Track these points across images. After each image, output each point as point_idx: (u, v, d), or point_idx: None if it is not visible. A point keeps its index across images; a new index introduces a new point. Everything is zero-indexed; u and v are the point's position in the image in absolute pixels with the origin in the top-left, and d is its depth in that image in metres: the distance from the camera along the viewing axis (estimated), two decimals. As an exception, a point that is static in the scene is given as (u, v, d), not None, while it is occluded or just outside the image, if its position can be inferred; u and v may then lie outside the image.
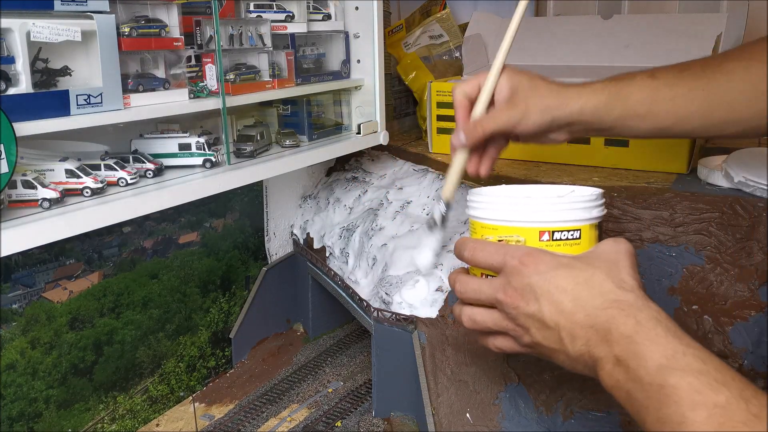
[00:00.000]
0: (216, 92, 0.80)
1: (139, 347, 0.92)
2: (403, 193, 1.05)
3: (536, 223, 0.57)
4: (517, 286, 0.53)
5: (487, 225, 0.60)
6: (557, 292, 0.51)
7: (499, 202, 0.59)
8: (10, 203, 0.64)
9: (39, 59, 0.64)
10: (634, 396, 0.45)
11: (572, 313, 0.50)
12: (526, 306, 0.52)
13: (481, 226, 0.60)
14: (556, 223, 0.56)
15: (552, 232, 0.56)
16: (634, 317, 0.47)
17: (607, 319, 0.48)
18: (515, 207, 0.58)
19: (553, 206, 0.57)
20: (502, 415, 0.78)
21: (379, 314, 0.88)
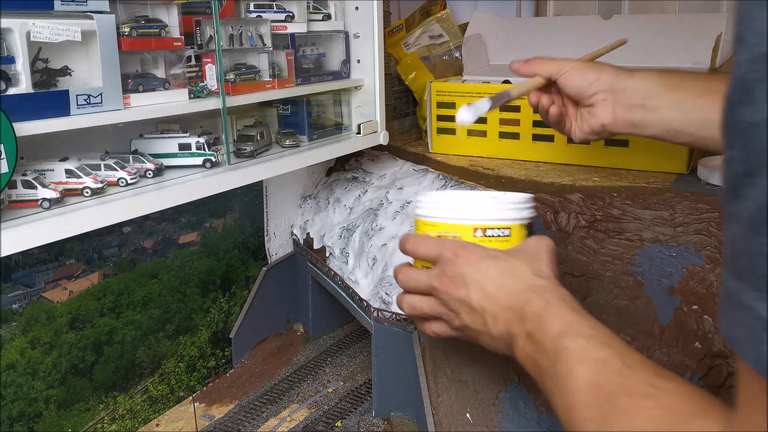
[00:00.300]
0: (216, 92, 0.80)
1: (139, 347, 0.92)
2: (403, 193, 1.05)
3: (471, 221, 0.63)
4: (451, 274, 0.59)
5: (428, 222, 0.66)
6: (484, 279, 0.57)
7: (440, 202, 0.66)
8: (10, 203, 0.64)
9: (39, 59, 0.64)
10: (538, 363, 0.52)
11: (495, 297, 0.56)
12: (457, 292, 0.59)
13: (423, 224, 0.67)
14: (489, 221, 0.63)
15: (485, 229, 0.63)
16: (545, 298, 0.54)
17: (523, 300, 0.55)
18: (453, 206, 0.65)
19: (486, 206, 0.64)
20: (502, 415, 0.78)
21: (379, 314, 0.88)
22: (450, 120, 1.16)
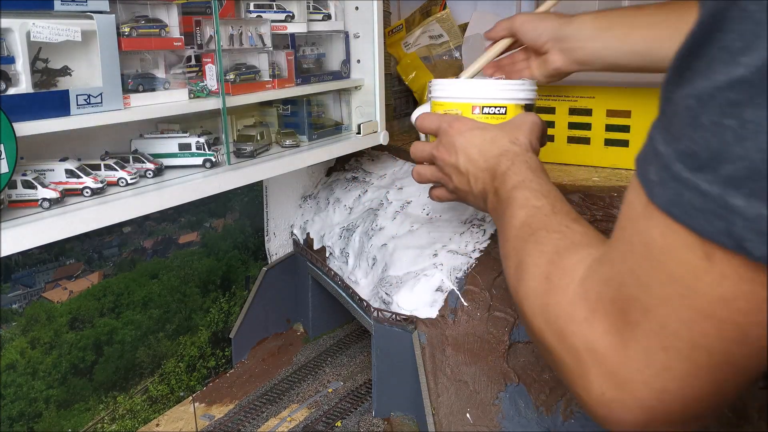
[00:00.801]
0: (216, 92, 0.80)
1: (139, 347, 0.92)
2: (403, 193, 1.05)
3: (470, 99, 0.73)
4: (445, 143, 0.69)
5: (438, 102, 0.77)
6: (470, 146, 0.67)
7: (446, 85, 0.76)
8: (10, 203, 0.64)
9: (39, 59, 0.64)
10: (498, 212, 0.60)
11: (476, 161, 0.66)
12: (449, 158, 0.68)
13: (434, 104, 0.77)
14: (486, 99, 0.73)
15: (482, 106, 0.73)
16: (511, 160, 0.62)
17: (495, 162, 0.63)
18: (455, 87, 0.75)
19: (484, 86, 0.74)
20: (502, 415, 0.78)
21: (379, 314, 0.88)
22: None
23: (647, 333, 0.36)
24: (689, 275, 0.33)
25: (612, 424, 0.39)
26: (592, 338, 0.39)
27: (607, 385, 0.38)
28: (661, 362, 0.35)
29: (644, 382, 0.36)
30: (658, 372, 0.36)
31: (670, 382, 0.35)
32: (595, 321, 0.39)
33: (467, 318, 0.83)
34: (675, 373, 0.35)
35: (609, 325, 0.38)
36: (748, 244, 0.30)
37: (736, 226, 0.30)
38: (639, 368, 0.36)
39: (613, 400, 0.38)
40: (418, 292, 0.86)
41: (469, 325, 0.82)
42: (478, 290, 0.84)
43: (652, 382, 0.36)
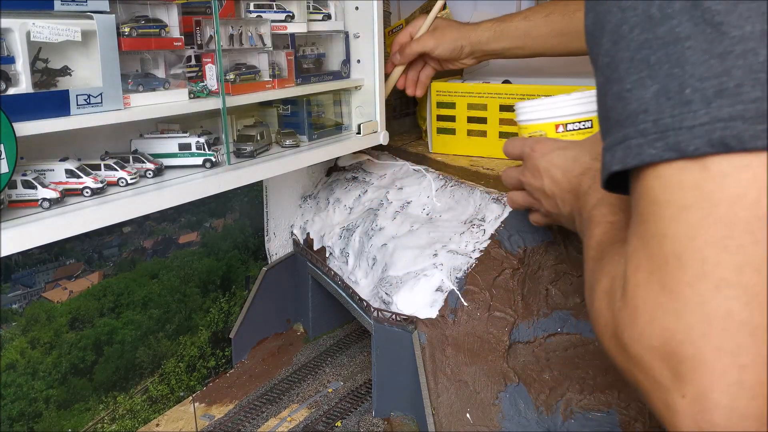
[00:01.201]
0: (216, 92, 0.80)
1: (139, 347, 0.92)
2: (403, 193, 1.05)
3: (552, 119, 0.74)
4: (530, 168, 0.68)
5: (522, 126, 0.78)
6: (552, 168, 0.65)
7: (528, 107, 0.77)
8: (10, 203, 0.64)
9: (39, 59, 0.64)
10: (583, 235, 0.57)
11: (561, 182, 0.64)
12: (535, 182, 0.68)
13: (519, 128, 0.79)
14: (568, 116, 0.73)
15: (566, 124, 0.73)
16: (593, 178, 0.59)
17: (578, 182, 0.62)
18: (536, 109, 0.76)
19: (564, 104, 0.73)
20: (502, 415, 0.78)
21: (379, 314, 0.88)
22: (450, 120, 1.16)
23: (692, 281, 0.33)
24: (697, 193, 0.34)
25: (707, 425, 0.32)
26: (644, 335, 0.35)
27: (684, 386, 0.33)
28: (720, 306, 0.32)
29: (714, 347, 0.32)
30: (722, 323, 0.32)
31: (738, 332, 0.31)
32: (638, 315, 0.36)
33: (467, 318, 0.83)
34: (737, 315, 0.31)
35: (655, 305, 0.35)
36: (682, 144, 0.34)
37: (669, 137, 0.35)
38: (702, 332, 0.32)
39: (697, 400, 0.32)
40: (418, 292, 0.86)
41: (469, 325, 0.82)
42: (478, 290, 0.84)
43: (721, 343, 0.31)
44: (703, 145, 0.34)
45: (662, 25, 0.36)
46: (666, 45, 0.36)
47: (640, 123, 0.37)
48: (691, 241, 0.34)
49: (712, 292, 0.32)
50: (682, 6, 0.35)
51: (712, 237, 0.33)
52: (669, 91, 0.35)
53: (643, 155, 0.36)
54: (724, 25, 0.34)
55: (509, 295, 0.84)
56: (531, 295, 0.85)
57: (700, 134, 0.34)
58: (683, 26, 0.35)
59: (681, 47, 0.35)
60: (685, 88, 0.35)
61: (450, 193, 0.99)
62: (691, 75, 0.34)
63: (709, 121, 0.34)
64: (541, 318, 0.84)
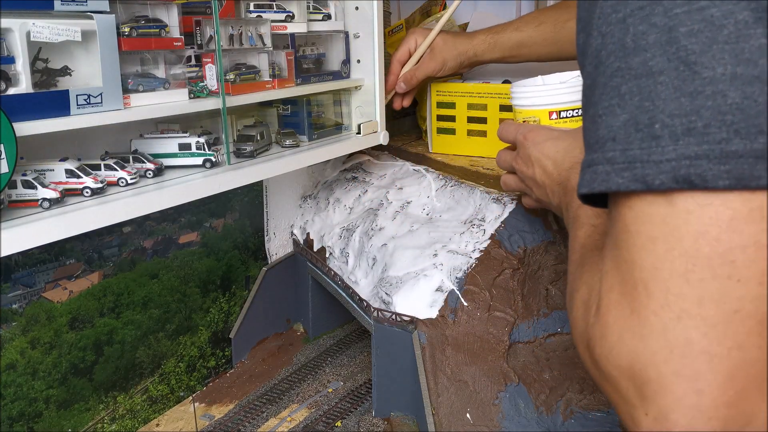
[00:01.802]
0: (216, 92, 0.80)
1: (139, 347, 0.92)
2: (403, 193, 1.05)
3: (546, 106, 0.73)
4: (522, 155, 0.69)
5: (517, 110, 0.77)
6: (544, 158, 0.66)
7: (523, 92, 0.76)
8: (10, 203, 0.64)
9: (39, 59, 0.64)
10: (568, 229, 0.58)
11: (551, 173, 0.64)
12: (527, 170, 0.68)
13: (514, 111, 0.79)
14: (562, 104, 0.73)
15: (559, 111, 0.73)
16: None
17: (567, 176, 0.62)
18: (531, 94, 0.75)
19: (558, 91, 0.73)
20: (502, 415, 0.78)
21: (379, 314, 0.88)
22: (450, 120, 1.16)
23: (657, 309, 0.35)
24: (663, 227, 0.35)
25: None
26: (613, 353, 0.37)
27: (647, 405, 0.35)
28: (681, 335, 0.34)
29: (675, 372, 0.34)
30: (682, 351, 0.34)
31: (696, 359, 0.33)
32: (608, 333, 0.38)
33: (467, 318, 0.83)
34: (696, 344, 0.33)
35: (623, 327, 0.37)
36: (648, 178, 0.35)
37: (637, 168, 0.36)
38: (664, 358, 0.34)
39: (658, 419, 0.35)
40: (418, 292, 0.86)
41: (469, 325, 0.82)
42: (478, 290, 0.84)
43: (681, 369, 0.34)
44: (669, 181, 0.34)
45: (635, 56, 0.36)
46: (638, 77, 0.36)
47: (608, 150, 0.37)
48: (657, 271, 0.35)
49: (674, 321, 0.34)
50: (656, 40, 0.36)
51: (676, 270, 0.34)
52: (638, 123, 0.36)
53: (610, 183, 0.37)
54: (697, 65, 0.34)
55: (509, 295, 0.84)
56: (531, 295, 0.85)
57: (666, 169, 0.34)
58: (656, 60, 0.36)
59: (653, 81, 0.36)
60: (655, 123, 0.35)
61: (450, 193, 0.99)
62: (662, 110, 0.35)
63: (675, 157, 0.34)
64: (541, 318, 0.84)
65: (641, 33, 0.36)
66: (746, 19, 0.33)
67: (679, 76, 0.35)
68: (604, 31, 0.39)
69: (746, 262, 0.33)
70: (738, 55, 0.33)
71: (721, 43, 0.34)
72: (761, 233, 0.33)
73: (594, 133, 0.39)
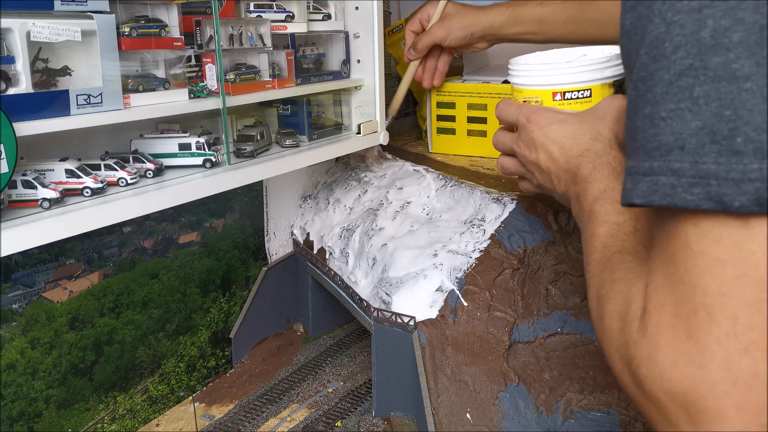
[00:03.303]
0: (216, 92, 0.80)
1: (139, 347, 0.92)
2: (403, 193, 1.05)
3: (550, 86, 0.68)
4: (525, 138, 0.65)
5: (517, 89, 0.72)
6: (549, 143, 0.62)
7: (524, 69, 0.71)
8: (10, 203, 0.64)
9: (39, 59, 0.64)
10: (581, 224, 0.56)
11: (557, 159, 0.61)
12: (529, 155, 0.64)
13: (513, 90, 0.73)
14: (567, 84, 0.67)
15: (563, 92, 0.68)
16: (593, 163, 0.56)
17: (576, 164, 0.58)
18: (533, 73, 0.70)
19: (563, 70, 0.68)
20: (502, 415, 0.78)
21: (379, 314, 0.88)
22: (450, 120, 1.16)
23: (721, 338, 0.32)
24: (735, 250, 0.32)
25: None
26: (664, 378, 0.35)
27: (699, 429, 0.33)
28: (747, 368, 0.31)
29: (737, 405, 0.32)
30: (747, 384, 0.31)
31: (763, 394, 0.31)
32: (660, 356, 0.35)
33: (467, 318, 0.83)
34: (763, 377, 0.31)
35: (679, 351, 0.34)
36: (726, 198, 0.32)
37: (711, 186, 0.32)
38: (726, 389, 0.32)
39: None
40: (418, 293, 0.86)
41: (469, 325, 0.82)
42: (478, 290, 0.84)
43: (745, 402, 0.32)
44: (751, 204, 0.31)
45: (715, 56, 0.32)
46: (717, 80, 0.32)
47: (673, 160, 0.34)
48: (724, 297, 0.32)
49: (740, 353, 0.32)
50: (743, 39, 0.31)
51: (747, 298, 0.32)
52: (715, 134, 0.32)
53: (675, 198, 0.34)
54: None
55: (509, 295, 0.84)
56: (531, 295, 0.85)
57: (749, 191, 0.31)
58: (742, 63, 0.31)
59: (737, 87, 0.31)
60: (737, 135, 0.31)
61: (450, 193, 0.99)
62: (746, 122, 0.31)
63: (759, 177, 0.31)
64: (541, 318, 0.84)
65: (724, 29, 0.32)
66: None
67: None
68: (669, 19, 0.34)
69: None
70: None
71: None
72: None
73: (653, 137, 0.35)
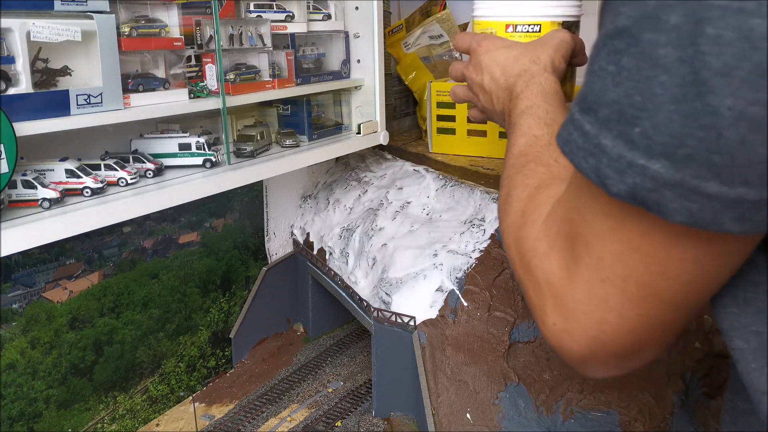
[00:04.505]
0: (216, 92, 0.80)
1: (139, 347, 0.92)
2: (403, 193, 1.05)
3: (503, 18, 0.75)
4: (474, 63, 0.69)
5: (475, 21, 0.78)
6: (494, 65, 0.66)
7: (482, 4, 0.77)
8: (10, 203, 0.64)
9: (39, 59, 0.64)
10: (508, 135, 0.60)
11: (498, 79, 0.65)
12: (476, 77, 0.68)
13: (473, 23, 0.79)
14: (519, 17, 0.74)
15: (515, 25, 0.74)
16: (526, 81, 0.62)
17: (513, 83, 0.63)
18: (490, 6, 0.76)
19: (517, 5, 0.74)
20: (502, 415, 0.78)
21: (379, 314, 0.88)
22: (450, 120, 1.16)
23: (588, 266, 0.39)
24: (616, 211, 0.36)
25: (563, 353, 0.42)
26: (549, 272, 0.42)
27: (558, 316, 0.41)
28: (600, 294, 0.38)
29: (586, 312, 0.39)
30: (597, 303, 0.39)
31: (608, 313, 0.38)
32: (552, 256, 0.42)
33: (467, 318, 0.83)
34: (611, 304, 0.38)
35: (562, 260, 0.41)
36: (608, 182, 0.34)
37: (602, 164, 0.34)
38: (582, 299, 0.39)
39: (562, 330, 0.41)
40: (418, 293, 0.86)
41: (469, 325, 0.82)
42: (478, 290, 0.84)
43: (592, 313, 0.39)
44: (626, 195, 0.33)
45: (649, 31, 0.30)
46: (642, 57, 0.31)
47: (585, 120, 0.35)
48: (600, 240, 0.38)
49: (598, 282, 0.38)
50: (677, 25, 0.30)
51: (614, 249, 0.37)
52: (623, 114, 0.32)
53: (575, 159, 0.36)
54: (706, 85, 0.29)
55: (509, 295, 0.84)
56: (531, 295, 0.85)
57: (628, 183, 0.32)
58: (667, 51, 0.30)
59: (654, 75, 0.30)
60: (636, 126, 0.31)
61: (450, 193, 0.99)
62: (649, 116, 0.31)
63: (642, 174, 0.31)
64: (541, 318, 0.84)
65: (666, 5, 0.29)
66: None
67: (682, 88, 0.29)
68: None
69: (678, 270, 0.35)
70: (757, 92, 0.27)
71: (745, 70, 0.27)
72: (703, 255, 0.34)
73: (584, 87, 0.35)
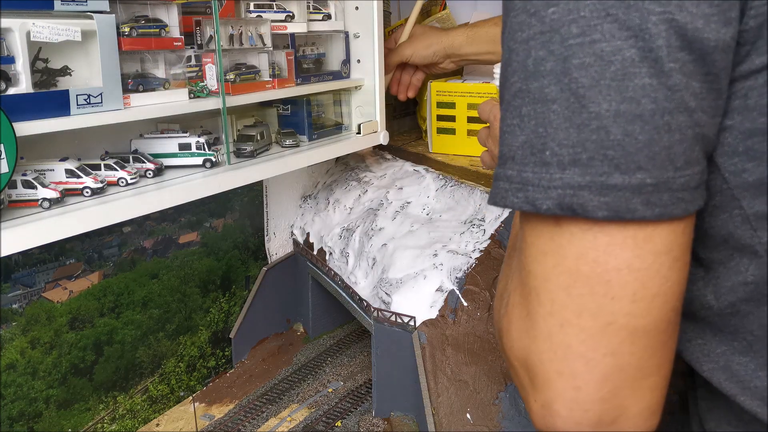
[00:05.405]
0: (216, 92, 0.80)
1: (139, 347, 0.92)
2: (403, 193, 1.05)
3: None
4: (492, 135, 0.70)
5: (497, 89, 0.77)
6: None
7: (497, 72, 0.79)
8: (10, 203, 0.64)
9: (39, 59, 0.64)
10: None
11: None
12: (495, 150, 0.68)
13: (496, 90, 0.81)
14: None
15: None
16: None
17: None
18: None
19: None
20: (502, 415, 0.78)
21: (379, 314, 0.88)
22: (450, 120, 1.16)
23: (544, 317, 0.39)
24: (551, 243, 0.38)
25: None
26: (516, 344, 0.42)
27: (536, 391, 0.40)
28: (561, 341, 0.38)
29: (558, 371, 0.38)
30: (563, 354, 0.38)
31: (574, 362, 0.38)
32: (513, 327, 0.42)
33: (467, 318, 0.83)
34: (574, 348, 0.38)
35: (522, 326, 0.41)
36: (537, 202, 0.37)
37: (529, 192, 0.38)
38: (547, 355, 0.39)
39: (542, 405, 0.39)
40: (418, 293, 0.86)
41: (469, 325, 0.82)
42: (478, 290, 0.84)
43: (562, 369, 0.38)
44: (555, 207, 0.37)
45: (535, 81, 0.38)
46: (536, 102, 0.38)
47: (508, 168, 0.40)
48: (546, 282, 0.39)
49: (557, 328, 0.38)
50: (552, 68, 0.37)
51: (560, 283, 0.38)
52: (533, 147, 0.38)
53: (507, 200, 0.39)
54: (585, 99, 0.36)
55: (509, 295, 0.84)
56: (531, 295, 0.85)
57: (553, 196, 0.37)
58: (551, 89, 0.37)
59: (547, 108, 0.37)
60: (546, 149, 0.37)
61: (450, 193, 0.99)
62: (552, 138, 0.37)
63: (561, 186, 0.37)
64: (541, 318, 0.84)
65: (540, 59, 0.37)
66: (633, 57, 0.35)
67: (569, 107, 0.36)
68: (510, 47, 0.39)
69: (620, 283, 0.36)
70: (623, 93, 0.35)
71: (608, 79, 0.35)
72: (634, 258, 0.36)
73: (501, 147, 0.41)
